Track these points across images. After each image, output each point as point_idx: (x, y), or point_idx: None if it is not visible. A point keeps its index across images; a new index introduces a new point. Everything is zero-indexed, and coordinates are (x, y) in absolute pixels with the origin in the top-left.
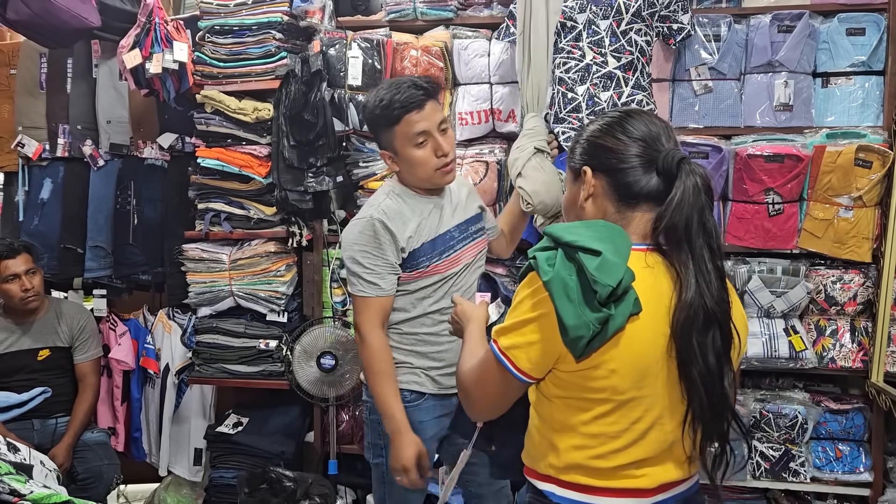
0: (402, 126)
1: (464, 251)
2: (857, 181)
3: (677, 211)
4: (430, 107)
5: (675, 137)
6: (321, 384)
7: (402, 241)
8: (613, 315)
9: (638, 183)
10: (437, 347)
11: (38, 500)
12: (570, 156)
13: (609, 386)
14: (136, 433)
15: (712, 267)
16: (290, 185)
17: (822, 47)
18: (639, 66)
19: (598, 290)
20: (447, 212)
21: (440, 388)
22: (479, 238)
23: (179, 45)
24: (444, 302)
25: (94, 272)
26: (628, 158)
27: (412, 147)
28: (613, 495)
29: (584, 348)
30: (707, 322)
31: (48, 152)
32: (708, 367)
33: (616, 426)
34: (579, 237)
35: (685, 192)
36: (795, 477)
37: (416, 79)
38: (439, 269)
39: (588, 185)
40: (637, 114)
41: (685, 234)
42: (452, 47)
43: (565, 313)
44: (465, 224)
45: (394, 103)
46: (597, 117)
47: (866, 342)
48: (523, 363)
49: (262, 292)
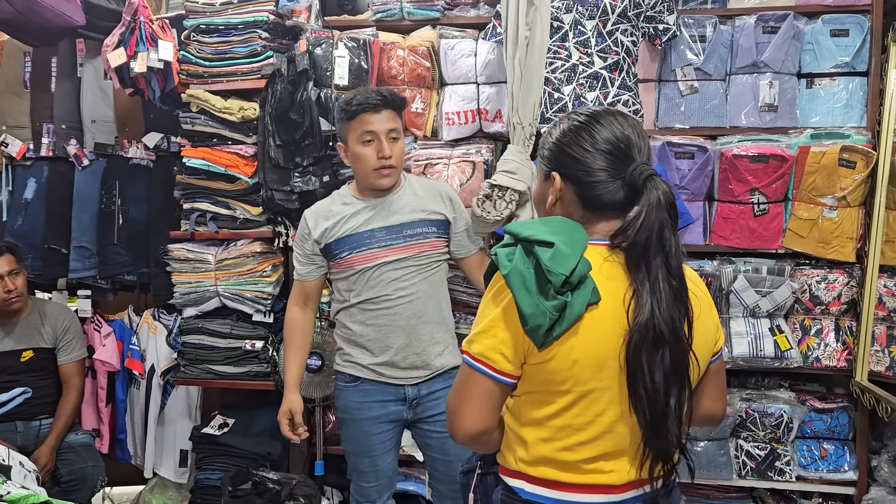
0: (355, 122)
1: (385, 250)
2: (841, 181)
3: (640, 229)
4: (385, 114)
5: (645, 140)
6: (307, 385)
7: (315, 235)
8: (570, 302)
9: (605, 195)
10: (363, 339)
11: (15, 500)
12: (540, 152)
13: (571, 376)
14: (121, 435)
15: (666, 286)
16: (276, 185)
17: (806, 48)
18: (625, 66)
19: (551, 280)
20: (379, 213)
21: (377, 376)
22: (413, 242)
23: (164, 44)
24: (364, 295)
25: (79, 273)
26: (595, 172)
27: (359, 143)
28: (583, 491)
29: (545, 336)
30: (656, 342)
31: (32, 152)
32: (654, 384)
33: (580, 418)
34: (535, 232)
35: (648, 210)
36: (781, 476)
37: (383, 90)
38: (353, 262)
39: (556, 190)
40: (606, 117)
41: (643, 254)
42: (439, 47)
43: (523, 303)
44: (400, 227)
45: (353, 101)
46: (566, 117)
47: (850, 341)
48: (502, 364)
49: (248, 292)
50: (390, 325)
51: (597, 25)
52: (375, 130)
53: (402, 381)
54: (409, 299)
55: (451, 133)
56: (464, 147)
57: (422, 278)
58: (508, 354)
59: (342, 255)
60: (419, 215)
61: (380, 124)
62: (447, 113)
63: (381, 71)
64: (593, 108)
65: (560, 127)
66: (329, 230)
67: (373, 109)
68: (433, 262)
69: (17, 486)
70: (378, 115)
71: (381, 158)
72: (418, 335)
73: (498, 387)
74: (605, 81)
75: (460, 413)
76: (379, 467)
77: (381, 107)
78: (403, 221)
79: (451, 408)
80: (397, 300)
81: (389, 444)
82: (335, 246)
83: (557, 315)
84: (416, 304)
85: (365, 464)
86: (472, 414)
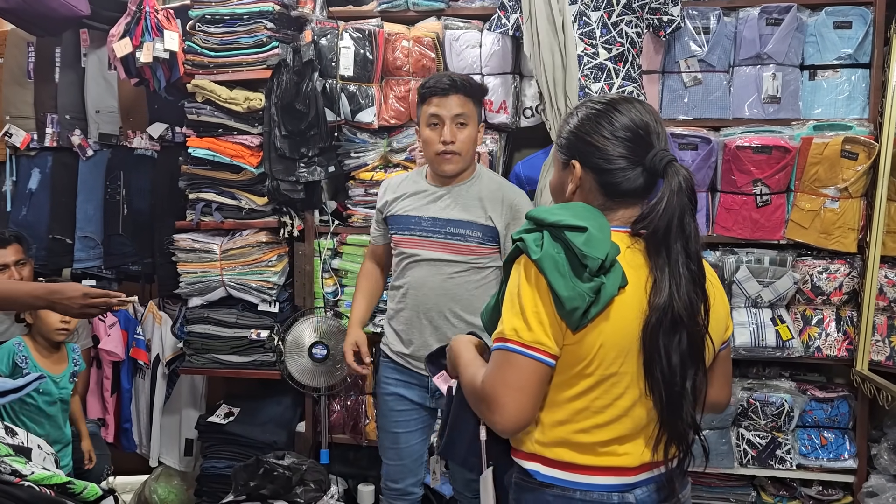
0: (425, 105)
1: (425, 241)
2: (843, 172)
3: (661, 215)
4: (453, 99)
5: (662, 125)
6: (313, 374)
7: (379, 203)
8: (605, 283)
9: (625, 183)
10: (395, 323)
11: (38, 480)
12: (558, 140)
13: (596, 359)
14: (126, 424)
15: (686, 271)
16: (281, 175)
17: (809, 40)
18: (629, 57)
19: (588, 264)
20: (438, 203)
21: (404, 361)
22: (452, 241)
23: (170, 34)
24: (400, 280)
25: (84, 262)
26: (615, 159)
27: (426, 126)
28: (597, 473)
29: (581, 319)
30: (674, 325)
31: (36, 142)
32: (671, 366)
33: (599, 401)
34: (562, 217)
35: (670, 196)
36: (781, 464)
37: (458, 76)
38: (398, 243)
39: (576, 178)
40: (623, 104)
41: (664, 239)
42: (444, 38)
43: (558, 286)
44: (445, 222)
45: (425, 85)
46: (582, 105)
47: (851, 331)
48: (553, 348)
49: (253, 282)
50: (415, 319)
51: (602, 17)
52: (441, 114)
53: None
54: (437, 299)
55: None
56: None
57: (455, 281)
58: (556, 337)
59: (392, 231)
60: (468, 216)
61: (446, 109)
62: None
63: (386, 62)
64: (610, 96)
65: (578, 115)
66: (390, 203)
67: (441, 93)
68: (471, 266)
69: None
70: (445, 99)
71: (443, 143)
72: (433, 337)
73: (549, 372)
74: (610, 73)
75: (511, 405)
76: (401, 445)
77: (449, 91)
78: (450, 218)
79: (496, 401)
80: (424, 296)
81: (413, 426)
82: (391, 220)
83: (594, 297)
84: (443, 305)
85: (388, 440)
86: (526, 404)
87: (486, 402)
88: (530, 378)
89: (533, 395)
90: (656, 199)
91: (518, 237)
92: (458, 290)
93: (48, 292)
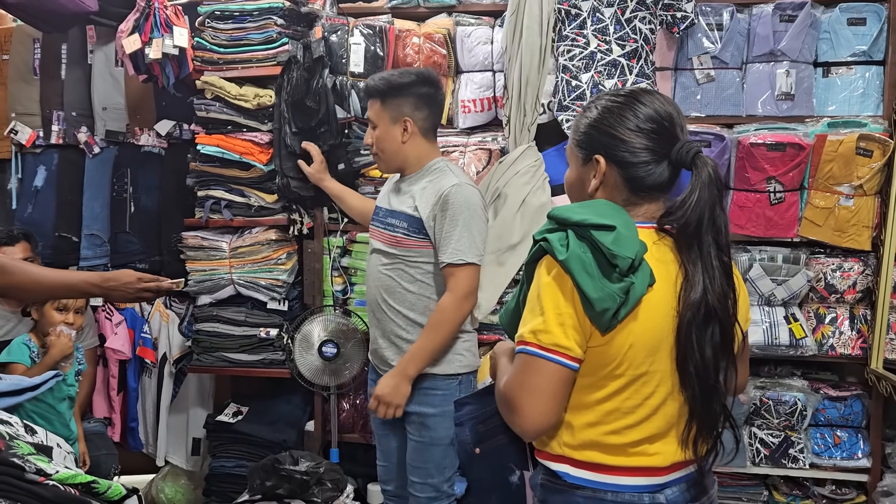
0: None
1: (374, 230)
2: (857, 170)
3: (693, 209)
4: (369, 103)
5: (683, 116)
6: (322, 373)
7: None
8: (634, 282)
9: (650, 177)
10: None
11: (63, 479)
12: (576, 134)
13: (626, 360)
14: (133, 423)
15: (718, 263)
16: (292, 173)
17: (823, 37)
18: (643, 53)
19: (618, 264)
20: (389, 195)
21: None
22: (387, 231)
23: (179, 30)
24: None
25: (90, 260)
26: (640, 152)
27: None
28: (628, 474)
29: (611, 320)
30: (707, 318)
31: (42, 139)
32: (704, 360)
33: (630, 402)
34: (587, 216)
35: (701, 189)
36: (794, 463)
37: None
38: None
39: (601, 174)
40: (645, 96)
41: (696, 233)
42: (455, 35)
43: (587, 287)
44: (387, 212)
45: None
46: (600, 98)
47: (865, 330)
48: (576, 351)
49: (262, 280)
50: (368, 312)
51: (615, 13)
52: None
53: (379, 368)
54: (375, 290)
55: (466, 121)
56: (479, 135)
57: (388, 271)
58: (579, 341)
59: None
60: (400, 206)
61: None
62: (463, 101)
63: (396, 58)
64: (630, 88)
65: (597, 108)
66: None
67: (368, 97)
68: (401, 260)
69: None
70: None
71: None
72: (381, 329)
73: (571, 375)
74: (624, 69)
75: (533, 410)
76: (382, 447)
77: (368, 97)
78: (389, 208)
79: (517, 404)
80: (368, 287)
81: (384, 429)
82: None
83: (624, 297)
84: (379, 296)
85: (375, 440)
86: (545, 407)
87: (507, 406)
88: (549, 381)
89: (553, 398)
90: (686, 192)
91: (541, 237)
92: (390, 281)
93: (103, 280)
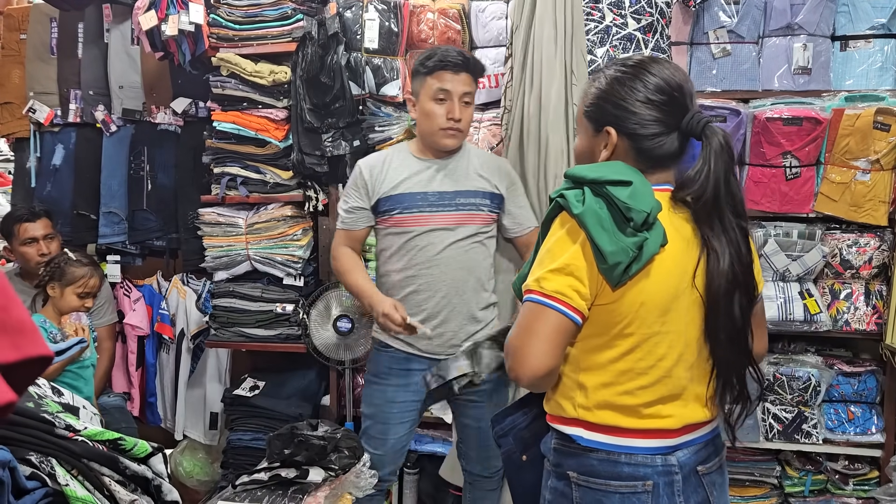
0: (431, 78)
1: (434, 215)
2: (874, 144)
3: (707, 179)
4: (463, 76)
5: (693, 87)
6: (338, 347)
7: (369, 186)
8: (648, 239)
9: (660, 148)
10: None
11: (91, 436)
12: (586, 103)
13: (636, 318)
14: (151, 398)
15: (738, 229)
16: (308, 149)
17: (841, 10)
18: (658, 27)
19: (633, 217)
20: (437, 177)
21: (407, 346)
22: (464, 212)
23: (195, 7)
24: (406, 258)
25: (108, 238)
26: (651, 125)
27: (432, 100)
28: (641, 436)
29: (622, 275)
30: (736, 285)
31: (60, 118)
32: (735, 327)
33: (643, 362)
34: (603, 173)
35: (714, 158)
36: (808, 438)
37: (466, 52)
38: (401, 222)
39: (611, 145)
40: (653, 65)
41: (714, 205)
42: (469, 10)
43: (602, 241)
44: (454, 194)
45: (433, 57)
46: (608, 67)
47: (881, 305)
48: (577, 302)
49: (278, 256)
50: (425, 294)
51: None
52: (450, 90)
53: (435, 355)
54: (449, 271)
55: (480, 97)
56: (494, 111)
57: (465, 251)
58: (583, 293)
59: (393, 212)
60: (475, 185)
61: (456, 85)
62: None
63: (411, 34)
64: (639, 57)
65: (605, 77)
66: (383, 184)
67: (452, 69)
68: (482, 235)
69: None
70: (457, 76)
71: (451, 119)
72: (455, 311)
73: (569, 325)
74: (639, 43)
75: (528, 353)
76: (389, 437)
77: (460, 68)
78: (458, 189)
79: (516, 349)
80: (437, 270)
81: (406, 417)
82: (387, 202)
83: (636, 252)
84: (456, 277)
85: (377, 430)
86: (542, 352)
87: (508, 354)
88: (546, 327)
89: (549, 342)
90: (699, 163)
91: (558, 194)
92: (474, 260)
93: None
